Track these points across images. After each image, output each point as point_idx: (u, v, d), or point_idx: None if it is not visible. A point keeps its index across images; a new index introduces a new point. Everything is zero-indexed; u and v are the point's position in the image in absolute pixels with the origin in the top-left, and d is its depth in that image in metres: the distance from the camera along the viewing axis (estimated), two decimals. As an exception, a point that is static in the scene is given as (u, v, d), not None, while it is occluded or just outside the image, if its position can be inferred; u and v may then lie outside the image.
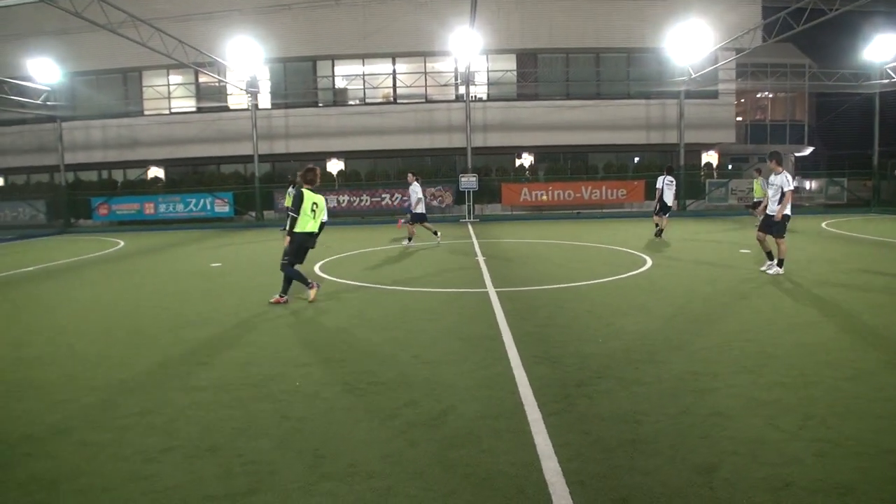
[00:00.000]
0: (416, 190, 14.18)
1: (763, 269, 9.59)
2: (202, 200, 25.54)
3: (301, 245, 7.97)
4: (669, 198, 14.97)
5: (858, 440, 3.52)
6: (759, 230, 9.58)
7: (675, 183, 15.65)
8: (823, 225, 18.74)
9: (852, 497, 2.91)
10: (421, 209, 14.24)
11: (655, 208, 15.08)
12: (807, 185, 28.73)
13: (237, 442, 3.68)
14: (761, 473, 3.16)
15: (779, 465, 3.24)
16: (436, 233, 14.66)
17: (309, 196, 7.85)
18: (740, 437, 3.60)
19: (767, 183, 9.49)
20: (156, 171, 28.45)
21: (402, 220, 16.77)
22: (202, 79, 27.27)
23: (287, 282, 8.05)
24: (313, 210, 7.89)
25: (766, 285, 8.48)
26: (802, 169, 34.41)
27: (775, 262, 9.45)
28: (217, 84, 26.99)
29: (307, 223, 7.87)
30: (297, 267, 8.10)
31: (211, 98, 27.91)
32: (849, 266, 10.17)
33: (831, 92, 29.61)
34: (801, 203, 27.04)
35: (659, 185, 14.84)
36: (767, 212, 9.39)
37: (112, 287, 10.07)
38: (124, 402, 4.43)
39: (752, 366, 4.90)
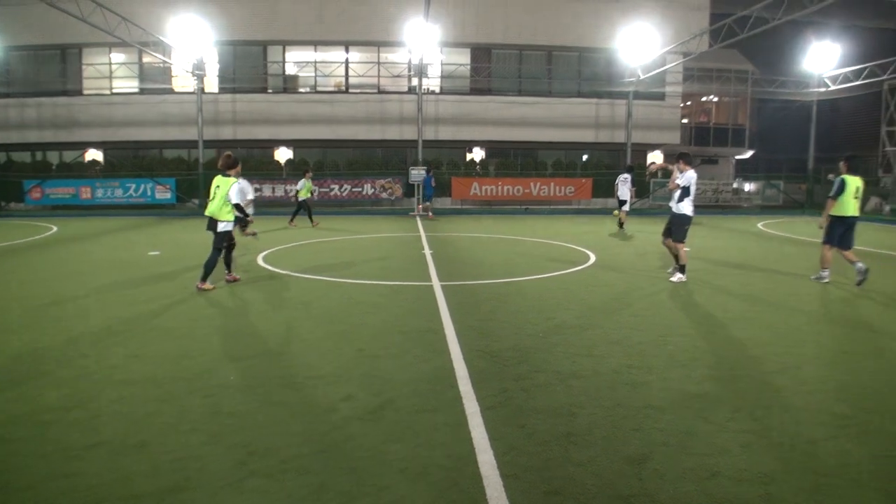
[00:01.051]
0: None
1: (668, 272, 9.16)
2: (143, 186, 24.66)
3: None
4: (624, 193, 16.50)
5: (781, 431, 3.66)
6: (663, 235, 9.04)
7: (629, 180, 16.72)
8: (760, 225, 19.44)
9: (774, 486, 3.02)
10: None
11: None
12: (746, 187, 29.77)
13: (166, 438, 3.56)
14: (689, 464, 3.24)
15: (707, 456, 3.34)
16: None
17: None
18: (671, 429, 3.69)
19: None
20: (94, 154, 27.32)
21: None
22: (146, 59, 26.27)
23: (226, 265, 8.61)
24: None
25: (702, 283, 8.74)
26: (742, 171, 35.60)
27: (677, 267, 8.88)
28: (161, 65, 26.06)
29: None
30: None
31: (155, 79, 26.91)
32: (781, 265, 10.57)
33: (772, 98, 30.73)
34: (740, 204, 28.03)
35: (616, 181, 16.53)
36: (672, 207, 8.85)
37: (40, 275, 9.62)
38: (47, 396, 4.23)
39: (685, 360, 5.04)
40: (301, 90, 27.59)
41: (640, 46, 23.67)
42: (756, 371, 4.77)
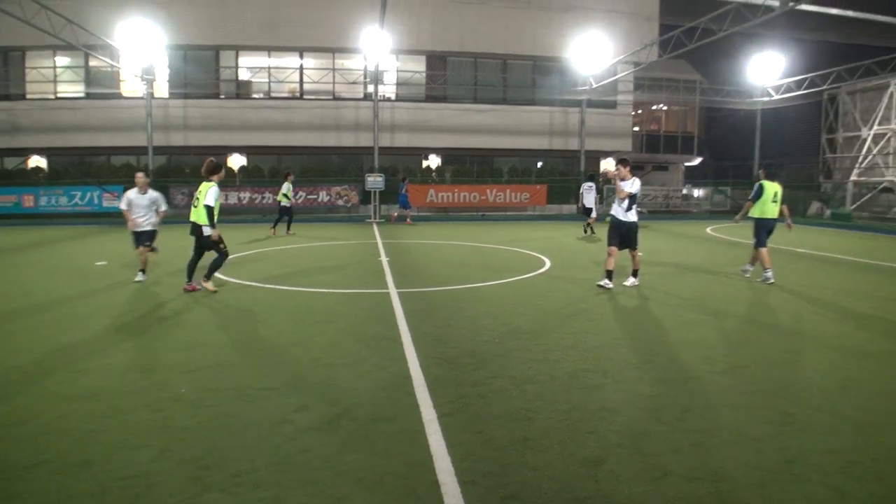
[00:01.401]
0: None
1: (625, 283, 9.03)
2: (89, 194, 23.83)
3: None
4: (589, 201, 17.51)
5: (730, 430, 3.77)
6: (611, 244, 8.81)
7: (594, 188, 17.78)
8: (708, 230, 20.00)
9: (724, 483, 3.11)
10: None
11: (579, 211, 17.90)
12: (695, 192, 30.62)
13: (113, 455, 3.44)
14: (643, 464, 3.31)
15: (659, 456, 3.41)
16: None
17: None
18: (625, 430, 3.76)
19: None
20: (37, 161, 26.31)
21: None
22: (93, 63, 25.45)
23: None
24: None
25: (655, 287, 8.93)
26: (691, 178, 36.61)
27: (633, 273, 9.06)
28: (109, 69, 25.32)
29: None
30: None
31: (102, 84, 26.11)
32: (729, 269, 10.89)
33: (719, 107, 31.74)
34: (689, 210, 28.79)
35: (581, 190, 17.63)
36: (619, 216, 8.82)
37: (-20, 286, 9.21)
38: (-14, 411, 4.05)
39: (638, 362, 5.14)
40: (255, 96, 27.19)
41: (593, 56, 24.16)
42: (705, 372, 4.90)
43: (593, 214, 17.54)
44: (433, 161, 28.31)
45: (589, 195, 17.53)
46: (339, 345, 5.69)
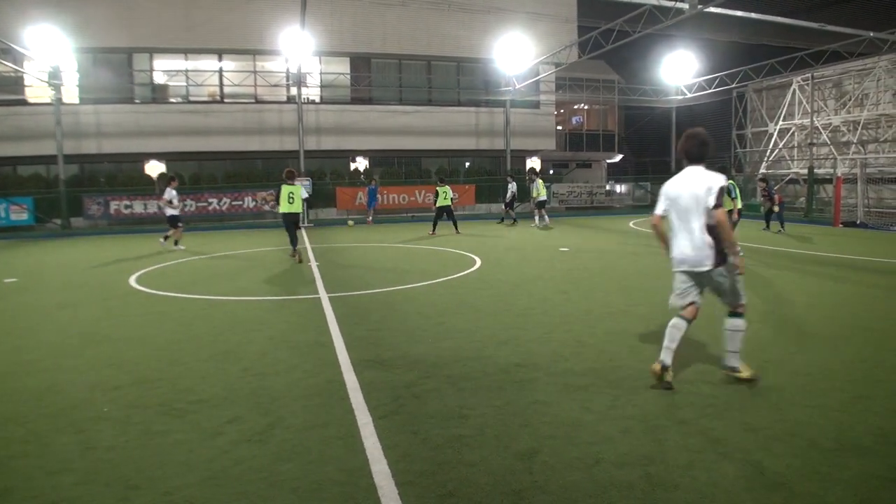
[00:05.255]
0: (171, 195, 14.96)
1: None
2: (-5, 206, 22.38)
3: (285, 220, 11.96)
4: (508, 195, 21.56)
5: (657, 415, 3.91)
6: None
7: (514, 184, 21.70)
8: (631, 224, 20.74)
9: (653, 466, 3.24)
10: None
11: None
12: (617, 188, 31.67)
13: (33, 482, 3.24)
14: (576, 453, 3.40)
15: (591, 444, 3.51)
16: (176, 242, 15.21)
17: (285, 188, 11.71)
18: (557, 421, 3.85)
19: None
20: (-67, 174, 24.50)
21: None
22: (-7, 68, 23.91)
23: (293, 242, 12.07)
24: (289, 198, 11.69)
25: (582, 281, 9.19)
26: (614, 174, 37.83)
27: None
28: (12, 74, 23.79)
29: (284, 207, 11.74)
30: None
31: (6, 90, 24.51)
32: (651, 260, 11.32)
33: (637, 105, 32.95)
34: (613, 205, 29.76)
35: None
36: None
37: None
38: None
39: (568, 354, 5.28)
40: (172, 100, 26.21)
41: (515, 57, 24.63)
42: (633, 360, 5.08)
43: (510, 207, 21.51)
44: (361, 163, 28.10)
45: (510, 190, 21.59)
46: (270, 353, 5.56)
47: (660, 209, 4.50)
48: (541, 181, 20.16)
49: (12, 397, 4.58)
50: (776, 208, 16.53)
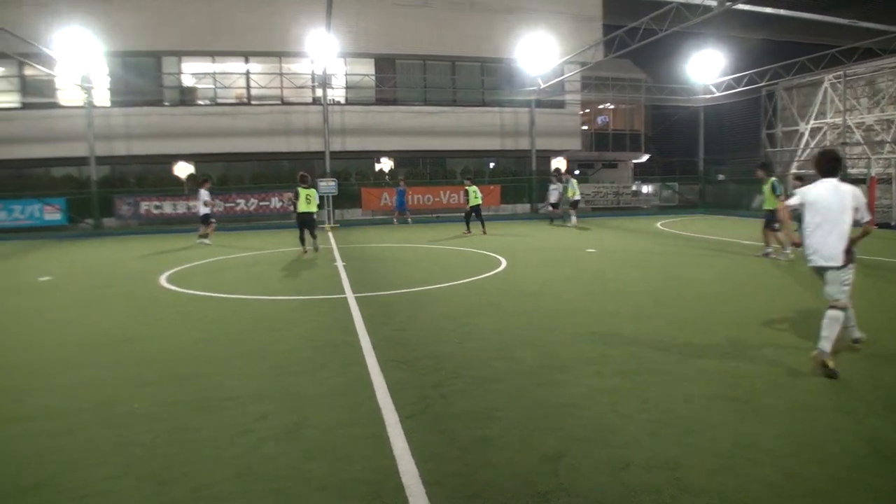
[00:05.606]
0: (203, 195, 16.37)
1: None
2: (29, 207, 22.90)
3: (299, 219, 13.54)
4: (553, 197, 21.80)
5: (686, 418, 3.87)
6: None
7: (561, 184, 21.54)
8: (658, 225, 20.52)
9: (681, 470, 3.19)
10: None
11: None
12: (644, 189, 31.34)
13: (67, 475, 3.32)
14: (603, 456, 3.37)
15: (619, 447, 3.48)
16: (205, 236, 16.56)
17: (302, 191, 13.40)
18: (585, 423, 3.82)
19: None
20: (-29, 175, 25.17)
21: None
22: (28, 72, 24.46)
23: (301, 239, 13.64)
24: (307, 200, 13.37)
25: (609, 283, 9.12)
26: (640, 174, 37.46)
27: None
28: (46, 78, 24.36)
29: (302, 207, 13.39)
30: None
31: (39, 93, 25.10)
32: (679, 261, 11.20)
33: (664, 105, 32.58)
34: (639, 205, 29.47)
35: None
36: None
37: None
38: (-76, 438, 3.86)
39: (595, 356, 5.24)
40: (200, 102, 26.60)
41: (539, 57, 24.51)
42: (660, 363, 5.02)
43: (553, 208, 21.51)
44: (386, 164, 28.21)
45: (555, 192, 21.61)
46: (297, 352, 5.62)
47: (793, 203, 5.08)
48: (575, 181, 20.48)
49: (48, 392, 4.69)
50: None
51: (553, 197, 21.75)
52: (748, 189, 27.58)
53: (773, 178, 11.45)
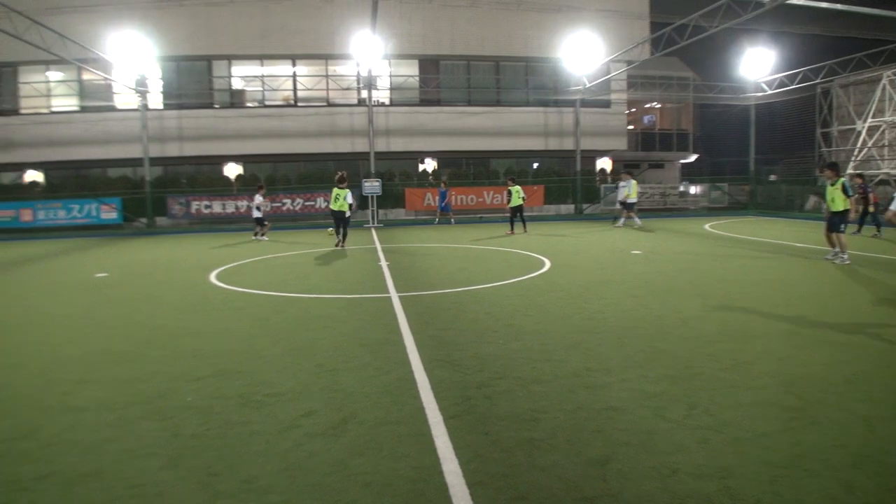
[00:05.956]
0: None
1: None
2: (87, 206, 23.86)
3: (334, 217, 15.08)
4: (620, 195, 20.92)
5: (737, 426, 3.76)
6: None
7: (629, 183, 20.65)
8: (706, 227, 20.05)
9: (732, 479, 3.10)
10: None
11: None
12: (691, 189, 30.66)
13: (122, 464, 3.44)
14: (651, 462, 3.30)
15: (667, 454, 3.40)
16: (257, 234, 18.30)
17: (335, 191, 14.84)
18: (632, 428, 3.75)
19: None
20: (34, 175, 26.31)
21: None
22: (86, 76, 25.49)
23: (337, 232, 15.18)
24: (335, 199, 14.77)
25: (655, 285, 8.94)
26: (688, 175, 36.67)
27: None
28: (102, 82, 25.34)
29: (334, 205, 14.84)
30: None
31: (96, 97, 26.15)
32: (728, 265, 10.91)
33: (713, 103, 31.83)
34: (687, 207, 28.84)
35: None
36: None
37: (-20, 301, 9.20)
38: (-9, 426, 4.05)
39: (642, 360, 5.14)
40: (249, 105, 27.23)
41: (585, 55, 24.25)
42: (710, 368, 4.90)
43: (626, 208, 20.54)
44: (429, 165, 28.33)
45: (621, 191, 20.87)
46: (342, 350, 5.68)
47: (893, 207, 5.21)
48: (634, 182, 20.30)
49: (105, 384, 4.86)
50: (871, 208, 15.59)
51: (622, 195, 21.33)
52: (801, 190, 26.78)
53: (843, 178, 11.03)
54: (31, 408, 4.40)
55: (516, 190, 18.25)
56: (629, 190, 19.99)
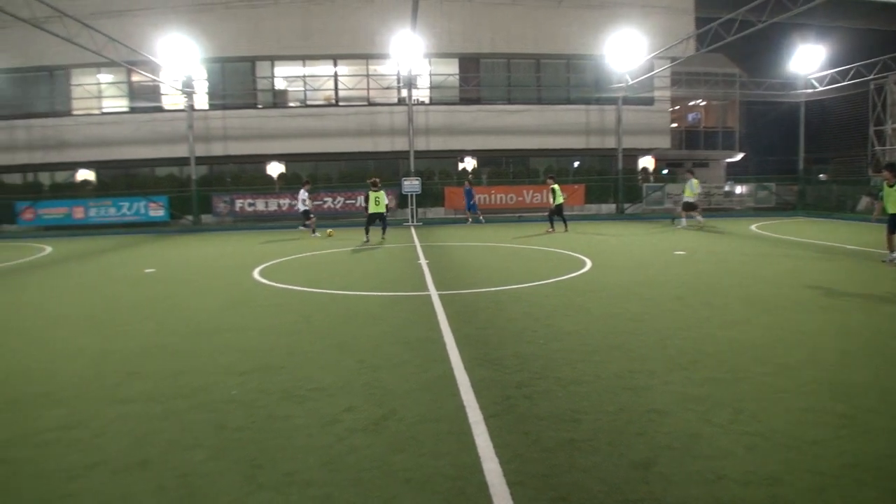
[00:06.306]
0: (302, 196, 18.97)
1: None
2: (135, 204, 24.60)
3: (371, 218, 16.34)
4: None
5: (785, 433, 3.66)
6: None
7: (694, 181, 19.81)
8: (752, 227, 19.55)
9: (780, 487, 3.02)
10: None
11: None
12: (737, 189, 29.91)
13: (169, 455, 3.54)
14: (695, 467, 3.24)
15: (712, 459, 3.33)
16: (314, 231, 19.20)
17: (373, 194, 16.10)
18: (675, 432, 3.69)
19: None
20: (85, 174, 27.24)
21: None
22: (135, 78, 26.27)
23: (366, 230, 16.42)
24: (376, 202, 16.07)
25: (699, 286, 8.76)
26: (733, 174, 35.82)
27: None
28: (151, 83, 26.07)
29: (372, 209, 16.11)
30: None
31: (144, 98, 26.92)
32: (776, 267, 10.62)
33: (760, 101, 31.01)
34: (732, 206, 28.16)
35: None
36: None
37: (35, 295, 9.57)
38: (46, 416, 4.20)
39: (686, 363, 5.05)
40: (291, 104, 27.64)
41: (627, 52, 23.86)
42: (756, 372, 4.78)
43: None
44: (469, 163, 28.32)
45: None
46: (383, 347, 5.73)
47: None
48: (696, 181, 19.68)
49: (152, 377, 5.01)
50: None
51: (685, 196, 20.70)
52: (852, 190, 25.87)
53: None
54: (82, 398, 4.55)
55: (556, 189, 18.18)
56: (690, 188, 19.49)
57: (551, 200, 18.51)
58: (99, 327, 6.97)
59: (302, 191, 18.97)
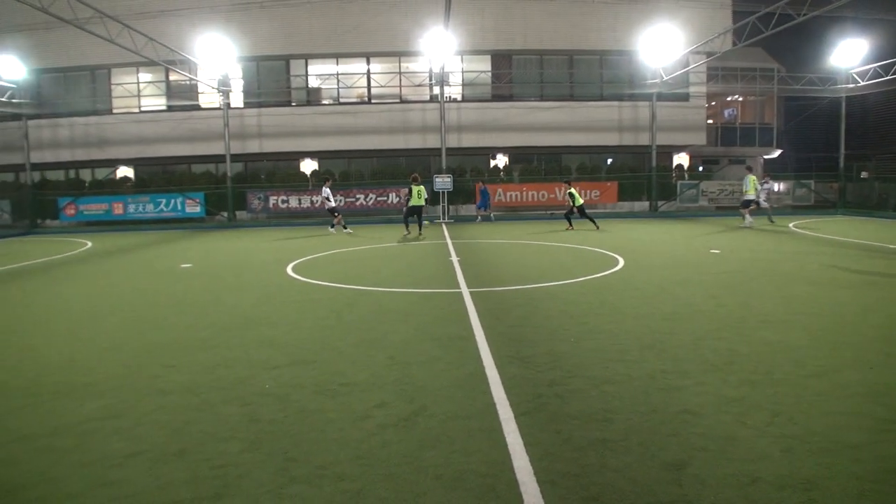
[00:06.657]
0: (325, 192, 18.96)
1: None
2: (173, 201, 25.15)
3: (411, 210, 16.96)
4: (761, 196, 20.19)
5: (823, 436, 3.58)
6: None
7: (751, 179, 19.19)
8: (791, 225, 19.12)
9: (817, 492, 2.96)
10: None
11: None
12: (775, 186, 29.24)
13: (205, 446, 3.62)
14: (730, 469, 3.19)
15: (747, 461, 3.28)
16: (345, 226, 19.26)
17: (415, 188, 16.54)
18: (709, 433, 3.64)
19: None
20: (125, 171, 27.93)
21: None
22: (172, 77, 26.82)
23: (405, 224, 17.29)
24: (418, 195, 16.55)
25: (735, 286, 8.61)
26: (771, 171, 35.02)
27: None
28: (188, 82, 26.60)
29: (414, 201, 16.62)
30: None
31: (182, 96, 27.47)
32: (814, 266, 10.38)
33: (799, 96, 30.23)
34: (770, 204, 27.53)
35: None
36: None
37: (77, 289, 9.85)
38: (88, 406, 4.33)
39: (721, 364, 4.97)
40: (324, 102, 27.89)
41: (662, 47, 23.48)
42: (794, 375, 4.68)
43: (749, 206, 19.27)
44: (500, 160, 28.23)
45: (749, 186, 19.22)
46: (414, 343, 5.76)
47: None
48: (752, 178, 19.19)
49: (188, 369, 5.12)
50: None
51: (761, 196, 20.22)
52: (895, 188, 25.09)
53: None
54: (122, 389, 4.68)
55: (575, 191, 18.44)
56: (746, 186, 19.08)
57: (571, 202, 18.32)
58: (138, 321, 7.15)
59: (324, 188, 18.98)
